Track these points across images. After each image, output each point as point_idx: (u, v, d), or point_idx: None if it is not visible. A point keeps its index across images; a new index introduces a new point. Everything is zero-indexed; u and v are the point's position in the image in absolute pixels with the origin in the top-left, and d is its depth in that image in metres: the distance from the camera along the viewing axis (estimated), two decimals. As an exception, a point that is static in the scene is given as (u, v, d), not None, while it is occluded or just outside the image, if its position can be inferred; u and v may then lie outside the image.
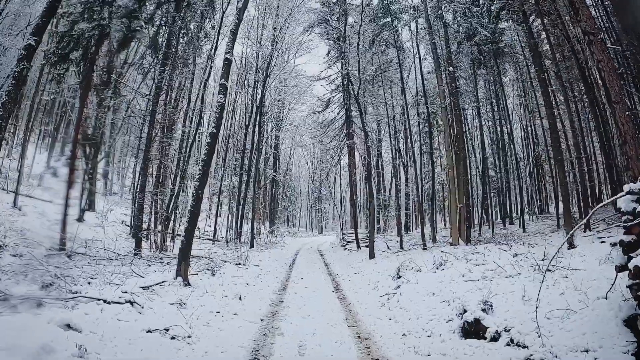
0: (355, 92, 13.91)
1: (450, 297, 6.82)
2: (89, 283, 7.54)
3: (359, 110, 13.82)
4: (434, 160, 16.84)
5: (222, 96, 8.86)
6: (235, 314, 6.71)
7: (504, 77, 21.50)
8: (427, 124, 22.64)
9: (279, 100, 25.98)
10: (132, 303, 6.13)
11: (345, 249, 17.91)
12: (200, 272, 9.68)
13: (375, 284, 9.35)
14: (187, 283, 8.08)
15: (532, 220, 21.43)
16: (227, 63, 9.39)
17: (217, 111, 8.72)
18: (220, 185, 21.80)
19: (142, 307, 6.03)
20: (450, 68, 13.52)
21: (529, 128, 22.93)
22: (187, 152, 15.97)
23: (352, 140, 16.81)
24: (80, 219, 16.38)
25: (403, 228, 25.30)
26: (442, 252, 11.60)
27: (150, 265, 10.98)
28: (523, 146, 23.95)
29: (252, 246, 18.01)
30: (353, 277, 10.91)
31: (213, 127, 8.53)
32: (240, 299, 7.69)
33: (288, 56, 24.60)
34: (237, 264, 11.33)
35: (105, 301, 6.05)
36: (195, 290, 7.76)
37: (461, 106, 22.50)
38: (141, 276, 8.86)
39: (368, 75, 15.25)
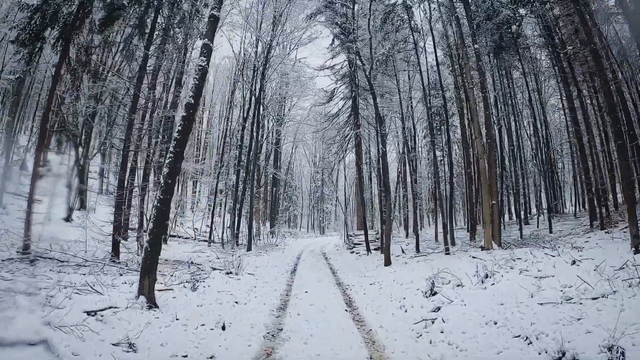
0: (367, 73, 11.56)
1: (528, 330, 4.43)
2: (15, 304, 5.15)
3: (372, 92, 11.45)
4: (451, 151, 14.46)
5: (205, 59, 6.51)
6: (211, 358, 4.30)
7: (515, 70, 19.26)
8: (437, 117, 20.34)
9: (280, 94, 23.61)
10: (47, 345, 3.74)
11: (352, 252, 15.48)
12: (177, 285, 7.28)
13: (400, 301, 6.94)
14: (151, 305, 5.67)
15: (548, 220, 19.22)
16: (213, 20, 7.06)
17: (197, 77, 6.36)
18: (217, 182, 19.40)
19: (58, 356, 3.63)
20: (476, 45, 11.22)
21: (543, 124, 20.67)
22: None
23: (359, 130, 14.50)
24: (68, 219, 14.11)
25: (410, 229, 22.90)
26: (473, 257, 9.24)
27: (122, 274, 8.64)
28: (536, 142, 21.74)
29: (249, 249, 15.59)
30: (368, 290, 8.50)
31: (190, 97, 6.17)
32: (223, 327, 5.28)
33: (290, 47, 22.37)
34: (227, 273, 8.91)
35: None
36: (161, 316, 5.36)
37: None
38: (98, 292, 6.52)
39: (381, 55, 12.90)
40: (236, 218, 17.54)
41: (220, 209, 23.48)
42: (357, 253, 14.66)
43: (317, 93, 21.47)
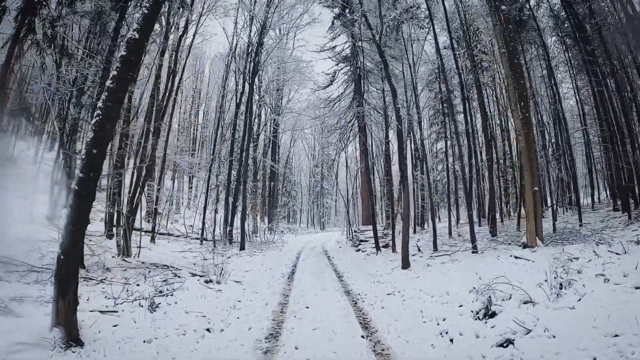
0: (377, 39, 9.44)
1: None
2: None
3: (382, 59, 9.32)
4: (469, 134, 12.35)
5: (160, -17, 4.34)
6: None
7: (526, 55, 17.26)
8: (447, 103, 18.23)
9: (277, 82, 21.44)
10: None
11: (358, 250, 13.35)
12: (132, 302, 5.13)
13: (438, 323, 4.83)
14: (70, 341, 3.53)
15: (563, 213, 17.28)
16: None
17: (148, 4, 4.19)
18: (209, 176, 17.23)
19: None
20: (504, 7, 9.12)
21: (556, 110, 18.65)
22: (163, 123, 11.39)
23: (364, 109, 12.45)
24: (53, 218, 12.02)
25: (417, 223, 20.76)
26: (516, 257, 7.15)
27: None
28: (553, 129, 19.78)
29: (242, 248, 13.45)
30: (387, 302, 6.37)
31: (135, 31, 4.03)
32: (174, 384, 3.14)
33: (287, 32, 20.17)
34: (207, 282, 6.77)
35: None
36: (75, 365, 3.22)
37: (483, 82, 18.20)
38: (14, 314, 4.44)
39: (391, 20, 10.78)
40: (229, 214, 15.41)
41: (217, 204, 21.45)
42: (363, 251, 12.54)
43: (316, 80, 19.33)
